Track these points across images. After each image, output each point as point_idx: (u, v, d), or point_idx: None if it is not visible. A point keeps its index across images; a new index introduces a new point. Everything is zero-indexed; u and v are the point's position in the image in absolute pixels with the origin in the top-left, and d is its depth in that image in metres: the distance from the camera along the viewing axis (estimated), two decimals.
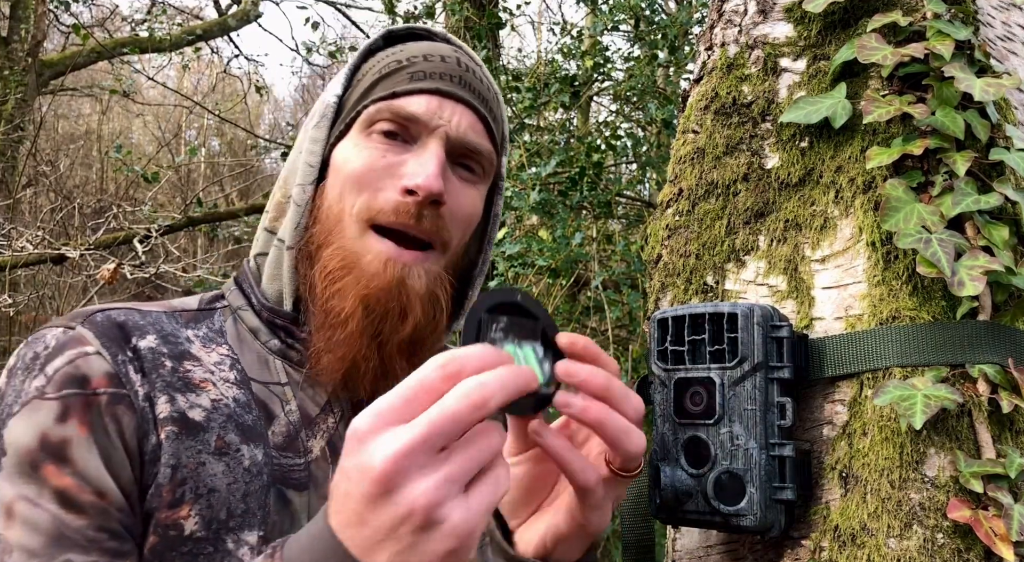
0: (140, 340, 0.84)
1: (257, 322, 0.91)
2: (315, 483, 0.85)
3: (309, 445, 0.86)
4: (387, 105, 0.88)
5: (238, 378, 0.87)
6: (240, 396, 0.85)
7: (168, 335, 0.86)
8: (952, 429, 0.81)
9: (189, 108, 9.78)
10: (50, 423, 0.76)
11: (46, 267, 5.67)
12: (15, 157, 7.75)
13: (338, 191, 0.87)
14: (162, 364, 0.83)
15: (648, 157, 5.24)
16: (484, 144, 0.91)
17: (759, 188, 0.96)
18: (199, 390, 0.83)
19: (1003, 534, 0.74)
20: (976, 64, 0.90)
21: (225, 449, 0.81)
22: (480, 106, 0.91)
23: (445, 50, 0.93)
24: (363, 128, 0.89)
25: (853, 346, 0.84)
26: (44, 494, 0.74)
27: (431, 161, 0.85)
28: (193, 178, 10.79)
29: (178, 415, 0.80)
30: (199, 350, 0.87)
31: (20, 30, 8.14)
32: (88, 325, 0.83)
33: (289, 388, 0.88)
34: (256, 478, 0.82)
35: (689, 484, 0.83)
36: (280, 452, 0.84)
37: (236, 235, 6.83)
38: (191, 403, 0.82)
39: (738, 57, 1.03)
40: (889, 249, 0.86)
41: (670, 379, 0.86)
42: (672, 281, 1.01)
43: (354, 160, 0.87)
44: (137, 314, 0.87)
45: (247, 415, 0.84)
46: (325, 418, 0.89)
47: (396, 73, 0.90)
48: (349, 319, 0.84)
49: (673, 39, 4.87)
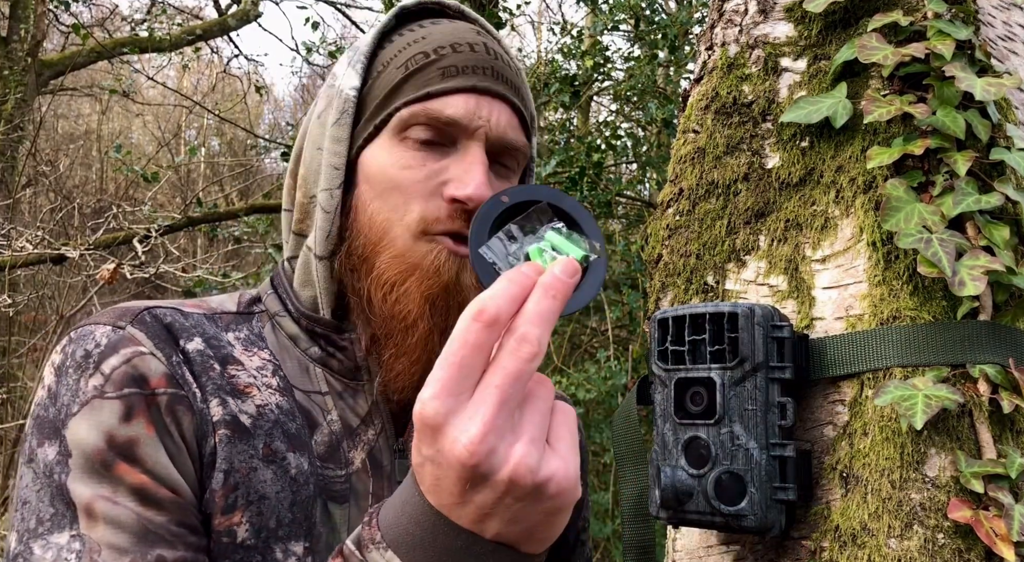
0: (188, 342, 0.82)
1: (296, 329, 0.89)
2: (356, 496, 0.83)
3: (351, 457, 0.85)
4: (422, 109, 0.85)
5: (281, 385, 0.85)
6: (284, 403, 0.84)
7: (211, 338, 0.85)
8: (953, 429, 0.81)
9: (189, 108, 9.78)
10: (115, 422, 0.75)
11: (46, 267, 5.67)
12: (15, 157, 7.75)
13: (380, 202, 0.85)
14: (211, 367, 0.82)
15: (648, 157, 5.24)
16: (520, 139, 0.90)
17: (760, 188, 0.96)
18: (245, 395, 0.82)
19: (1004, 534, 0.74)
20: (977, 64, 0.90)
21: (272, 457, 0.80)
22: (515, 98, 0.89)
23: (469, 35, 0.89)
24: (396, 132, 0.86)
25: (854, 346, 0.84)
26: (121, 492, 0.73)
27: (476, 168, 0.84)
28: (193, 178, 10.79)
29: (230, 418, 0.79)
30: (241, 354, 0.86)
31: (20, 30, 8.14)
32: (138, 325, 0.81)
33: (330, 397, 0.87)
34: (303, 488, 0.80)
35: (689, 484, 0.83)
36: (322, 463, 0.83)
37: (236, 235, 6.82)
38: (239, 408, 0.81)
39: (738, 57, 1.03)
40: (890, 249, 0.86)
41: (670, 379, 0.86)
42: (672, 281, 1.01)
43: (391, 169, 0.85)
44: (181, 315, 0.85)
45: (291, 423, 0.83)
46: (366, 429, 0.87)
47: (426, 69, 0.86)
48: (418, 321, 0.83)
49: (673, 39, 4.88)
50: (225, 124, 10.09)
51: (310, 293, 0.89)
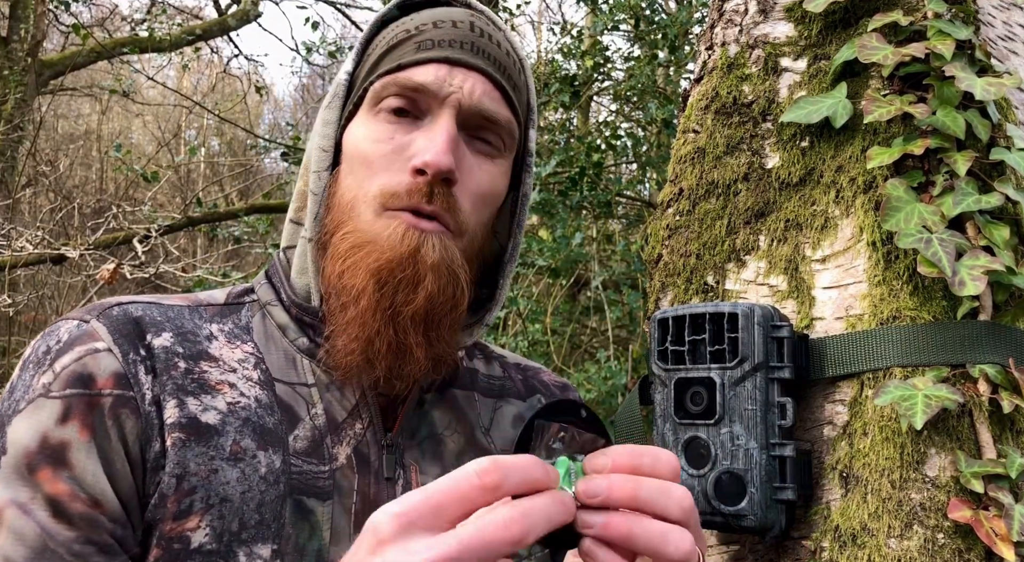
0: (155, 338, 0.81)
1: (286, 318, 0.87)
2: (340, 492, 0.81)
3: (335, 452, 0.82)
4: (392, 78, 0.83)
5: (262, 378, 0.83)
6: (263, 397, 0.82)
7: (187, 332, 0.83)
8: (953, 429, 0.80)
9: (189, 108, 9.78)
10: (51, 424, 0.74)
11: (46, 267, 5.67)
12: (15, 157, 7.75)
13: (351, 178, 0.83)
14: (175, 365, 0.80)
15: (648, 157, 5.24)
16: (502, 112, 0.85)
17: (760, 188, 0.96)
18: (215, 392, 0.80)
19: (1004, 534, 0.74)
20: (977, 64, 0.90)
21: (240, 455, 0.78)
22: (496, 73, 0.84)
23: (459, 14, 0.87)
24: (371, 106, 0.84)
25: (854, 346, 0.84)
26: (37, 500, 0.72)
27: (439, 135, 0.80)
28: (193, 178, 10.79)
29: (187, 421, 0.77)
30: (222, 347, 0.84)
31: (20, 30, 8.14)
32: (103, 319, 0.80)
33: (316, 390, 0.85)
34: (272, 487, 0.78)
35: (689, 484, 0.83)
36: (304, 458, 0.81)
37: (236, 235, 6.82)
38: (204, 406, 0.79)
39: (739, 57, 1.03)
40: (890, 249, 0.86)
41: (670, 379, 0.86)
42: (672, 281, 1.01)
43: (363, 143, 0.83)
44: (156, 308, 0.84)
45: (268, 417, 0.81)
46: (352, 424, 0.84)
47: (403, 44, 0.84)
48: (361, 295, 0.80)
49: (673, 39, 4.87)
50: (225, 124, 10.09)
51: (305, 281, 0.87)
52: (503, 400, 0.97)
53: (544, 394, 1.00)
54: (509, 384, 0.99)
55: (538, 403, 0.98)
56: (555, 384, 1.03)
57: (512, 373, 1.01)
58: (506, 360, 1.03)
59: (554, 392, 1.02)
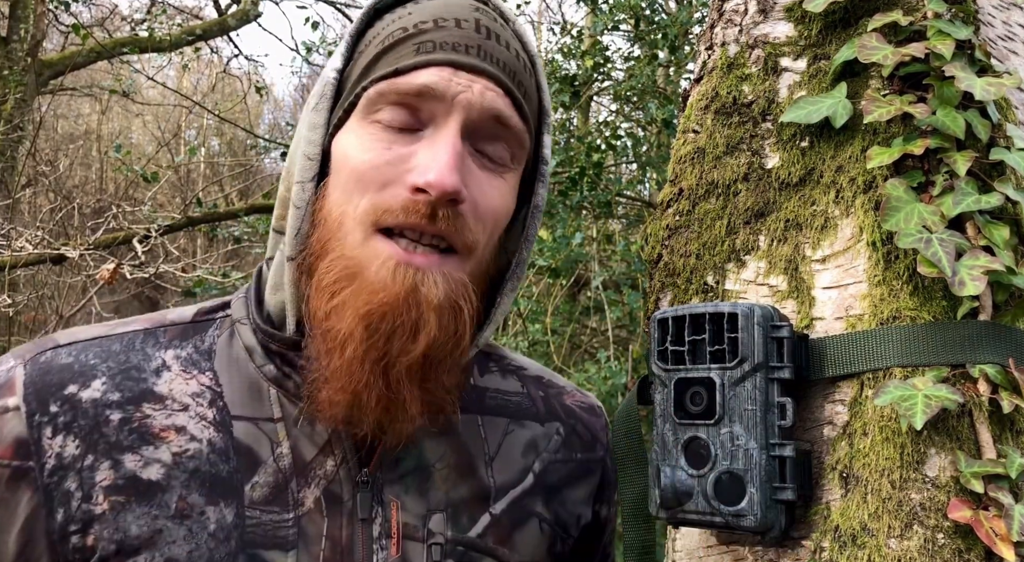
0: (83, 389, 0.74)
1: (253, 341, 0.79)
2: (305, 540, 0.74)
3: (301, 496, 0.75)
4: (390, 85, 0.73)
5: (217, 417, 0.76)
6: (217, 440, 0.75)
7: (130, 369, 0.76)
8: (953, 429, 0.80)
9: (189, 108, 9.78)
10: None
11: (45, 267, 5.67)
12: (14, 157, 7.75)
13: (339, 192, 0.74)
14: (106, 420, 0.73)
15: (648, 157, 5.24)
16: (513, 119, 0.76)
17: (759, 188, 0.96)
18: (158, 441, 0.73)
19: (1004, 534, 0.74)
20: (977, 64, 0.90)
21: (187, 511, 0.72)
22: (506, 78, 0.75)
23: (463, 11, 0.77)
24: (365, 113, 0.75)
25: (854, 346, 0.84)
26: None
27: (444, 151, 0.71)
28: (193, 178, 10.79)
29: (124, 481, 0.71)
30: (173, 379, 0.76)
31: (20, 30, 8.14)
32: (30, 366, 0.74)
33: (282, 425, 0.77)
34: (222, 544, 0.72)
35: (689, 484, 0.83)
36: (263, 507, 0.74)
37: (236, 235, 6.82)
38: (146, 460, 0.73)
39: (738, 57, 1.03)
40: (890, 249, 0.86)
41: (670, 379, 0.86)
42: (672, 281, 1.01)
43: (355, 154, 0.74)
44: (96, 348, 0.77)
45: (222, 465, 0.74)
46: (323, 462, 0.77)
47: (400, 44, 0.75)
48: (347, 342, 0.71)
49: (673, 39, 4.88)
50: (225, 124, 10.09)
51: (280, 299, 0.79)
52: (516, 422, 0.89)
53: (564, 423, 0.92)
54: (527, 403, 0.91)
55: (555, 433, 0.90)
56: (581, 407, 0.94)
57: (532, 389, 0.92)
58: (526, 373, 0.94)
59: (580, 417, 0.93)
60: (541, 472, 0.89)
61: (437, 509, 0.80)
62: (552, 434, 0.91)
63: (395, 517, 0.78)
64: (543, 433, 0.91)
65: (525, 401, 0.92)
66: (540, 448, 0.89)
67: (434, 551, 0.78)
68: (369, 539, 0.76)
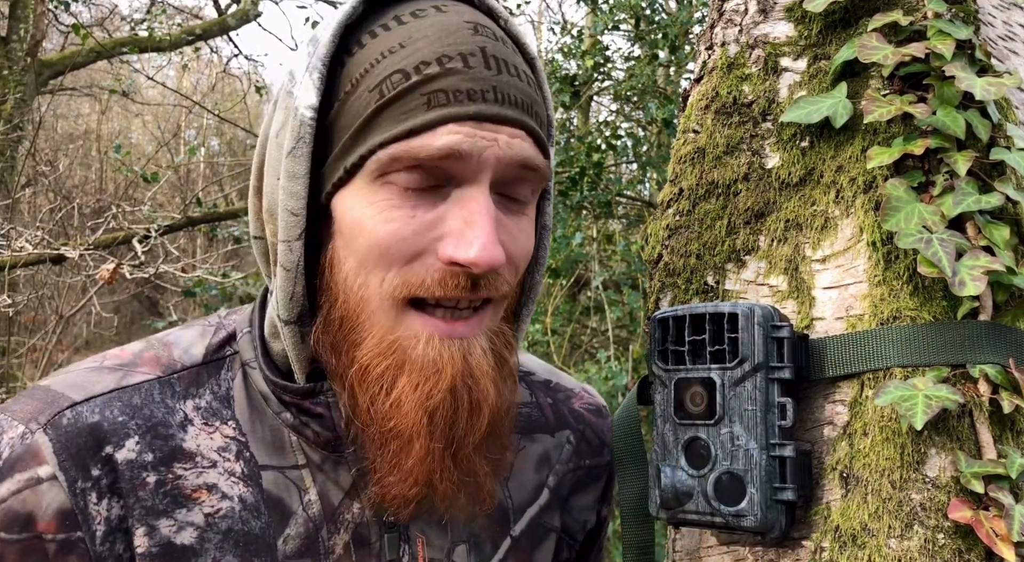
0: (117, 450, 0.70)
1: (266, 388, 0.75)
2: None
3: (331, 544, 0.74)
4: (404, 149, 0.65)
5: (245, 470, 0.73)
6: (248, 496, 0.73)
7: (157, 425, 0.72)
8: (953, 429, 0.80)
9: (188, 108, 9.78)
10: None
11: (45, 267, 5.67)
12: (14, 157, 7.75)
13: (356, 263, 0.68)
14: (143, 483, 0.70)
15: (648, 157, 5.24)
16: (538, 159, 0.70)
17: (760, 188, 0.96)
18: (191, 503, 0.71)
19: (1004, 534, 0.74)
20: (977, 63, 0.90)
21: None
22: (526, 117, 0.69)
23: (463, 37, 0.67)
24: (375, 176, 0.67)
25: (854, 346, 0.84)
26: None
27: (480, 220, 0.64)
28: (192, 178, 10.79)
29: (159, 549, 0.69)
30: (198, 433, 0.73)
31: (19, 30, 8.13)
32: (51, 430, 0.68)
33: (307, 471, 0.75)
34: None
35: (689, 484, 0.83)
36: (296, 560, 0.73)
37: (236, 235, 6.82)
38: (179, 524, 0.70)
39: (739, 56, 1.03)
40: (890, 249, 0.86)
41: (670, 379, 0.86)
42: (672, 281, 1.01)
43: (373, 225, 0.66)
44: (118, 402, 0.72)
45: (254, 521, 0.72)
46: (350, 506, 0.75)
47: (405, 96, 0.66)
48: (414, 438, 0.67)
49: (673, 38, 4.88)
50: (225, 124, 10.08)
51: (281, 347, 0.75)
52: (528, 437, 0.88)
53: (574, 430, 0.91)
54: (536, 414, 0.90)
55: (566, 442, 0.90)
56: (589, 409, 0.94)
57: (541, 397, 0.91)
58: (534, 378, 0.93)
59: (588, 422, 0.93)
60: (555, 486, 0.88)
61: (460, 541, 0.80)
62: (563, 444, 0.90)
63: (421, 554, 0.77)
64: (554, 444, 0.90)
65: (535, 412, 0.91)
66: (552, 461, 0.89)
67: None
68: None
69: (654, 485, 0.86)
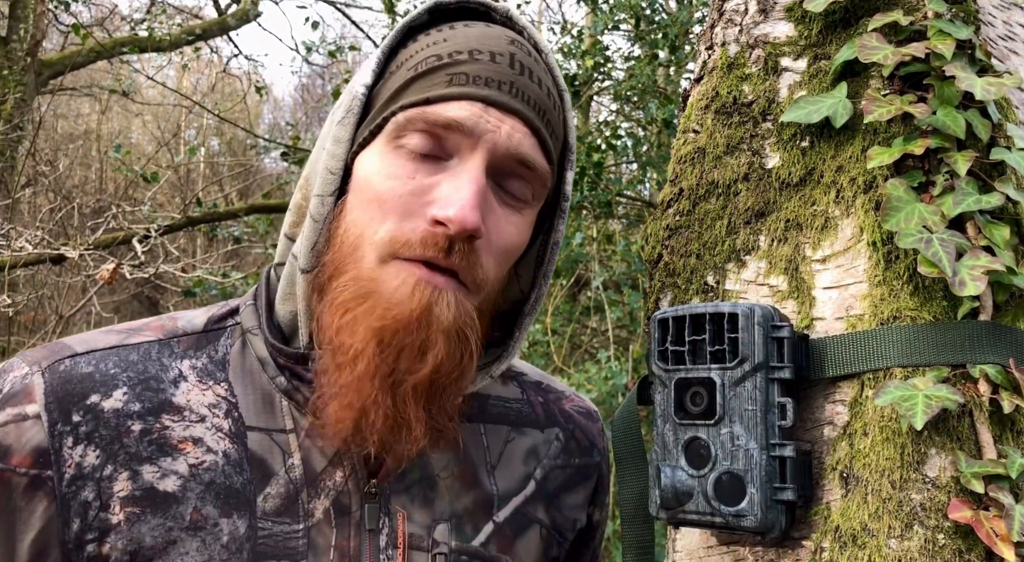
0: (104, 399, 0.74)
1: (265, 352, 0.80)
2: (314, 551, 0.76)
3: (311, 507, 0.76)
4: (419, 113, 0.74)
5: (233, 428, 0.77)
6: (232, 451, 0.76)
7: (149, 379, 0.77)
8: (953, 429, 0.80)
9: (188, 108, 9.78)
10: None
11: (45, 267, 5.68)
12: (14, 157, 7.75)
13: (357, 213, 0.75)
14: (128, 430, 0.74)
15: (648, 157, 5.24)
16: (539, 159, 0.77)
17: (760, 188, 0.96)
18: (176, 453, 0.74)
19: (1004, 535, 0.74)
20: (977, 63, 0.90)
21: (201, 523, 0.73)
22: (535, 117, 0.76)
23: (499, 43, 0.77)
24: (391, 137, 0.75)
25: (854, 346, 0.84)
26: None
27: (467, 186, 0.72)
28: (192, 178, 10.79)
29: (142, 492, 0.72)
30: (191, 389, 0.77)
31: (19, 30, 8.14)
32: (48, 374, 0.74)
33: (294, 436, 0.78)
34: (235, 555, 0.73)
35: (689, 484, 0.83)
36: (274, 519, 0.75)
37: (236, 235, 6.82)
38: (163, 471, 0.74)
39: (739, 56, 1.03)
40: (890, 249, 0.86)
41: (670, 379, 0.86)
42: (672, 281, 1.01)
43: (377, 179, 0.74)
44: (115, 357, 0.77)
45: (236, 476, 0.75)
46: (332, 473, 0.78)
47: (433, 72, 0.75)
48: (359, 357, 0.72)
49: (674, 38, 4.88)
50: (225, 124, 10.09)
51: (290, 308, 0.80)
52: (517, 430, 0.90)
53: (563, 429, 0.93)
54: (527, 409, 0.92)
55: (555, 439, 0.92)
56: (579, 412, 0.96)
57: (531, 395, 0.94)
58: (526, 378, 0.96)
59: (578, 423, 0.95)
60: (542, 479, 0.90)
61: (442, 519, 0.82)
62: (552, 440, 0.92)
63: (401, 528, 0.79)
64: (543, 439, 0.92)
65: (525, 408, 0.92)
66: (541, 455, 0.91)
67: (438, 560, 0.80)
68: (376, 550, 0.78)
69: (654, 485, 0.86)
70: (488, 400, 0.90)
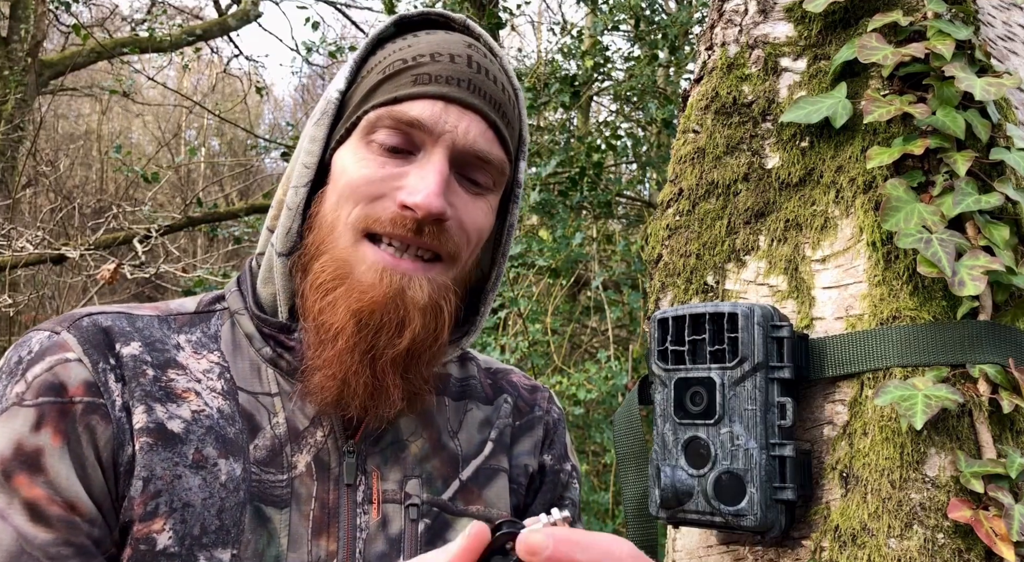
0: (124, 347, 0.83)
1: (252, 328, 0.88)
2: (297, 500, 0.83)
3: (294, 460, 0.84)
4: (388, 111, 0.83)
5: (225, 388, 0.85)
6: (225, 407, 0.84)
7: (156, 341, 0.85)
8: (953, 429, 0.81)
9: (189, 108, 9.78)
10: (26, 431, 0.76)
11: (46, 267, 5.67)
12: (15, 157, 7.75)
13: (335, 200, 0.84)
14: (143, 373, 0.82)
15: (648, 157, 5.24)
16: (495, 152, 0.86)
17: (760, 188, 0.96)
18: (180, 400, 0.82)
19: (1003, 534, 0.74)
20: (977, 64, 0.90)
21: (202, 463, 0.80)
22: (491, 112, 0.85)
23: (457, 46, 0.87)
24: (363, 134, 0.85)
25: (854, 346, 0.84)
26: (14, 504, 0.74)
27: (432, 175, 0.81)
28: (193, 178, 10.79)
29: (154, 426, 0.80)
30: (188, 357, 0.86)
31: (20, 30, 8.14)
32: (73, 330, 0.82)
33: (279, 399, 0.86)
34: (232, 494, 0.80)
35: (689, 484, 0.83)
36: (262, 467, 0.83)
37: (236, 235, 6.82)
38: (171, 414, 0.81)
39: (738, 57, 1.03)
40: (890, 249, 0.86)
41: (670, 379, 0.86)
42: (672, 281, 1.01)
43: (352, 170, 0.83)
44: (125, 319, 0.86)
45: (230, 427, 0.83)
46: (313, 432, 0.86)
47: (400, 74, 0.84)
48: (339, 335, 0.81)
49: (673, 39, 4.88)
50: (225, 124, 10.09)
51: (270, 290, 0.89)
52: (473, 402, 0.98)
53: (510, 394, 1.01)
54: (478, 387, 1.00)
55: (504, 403, 1.00)
56: (524, 386, 1.04)
57: (482, 377, 1.02)
58: (478, 362, 1.05)
59: (522, 393, 1.02)
60: (497, 437, 0.98)
61: (413, 476, 0.90)
62: (502, 404, 1.01)
63: (376, 485, 0.87)
64: (493, 409, 1.00)
65: (477, 386, 1.01)
66: (493, 421, 0.99)
67: (411, 511, 0.88)
68: (353, 503, 0.85)
69: (654, 485, 0.86)
70: (449, 378, 0.99)
